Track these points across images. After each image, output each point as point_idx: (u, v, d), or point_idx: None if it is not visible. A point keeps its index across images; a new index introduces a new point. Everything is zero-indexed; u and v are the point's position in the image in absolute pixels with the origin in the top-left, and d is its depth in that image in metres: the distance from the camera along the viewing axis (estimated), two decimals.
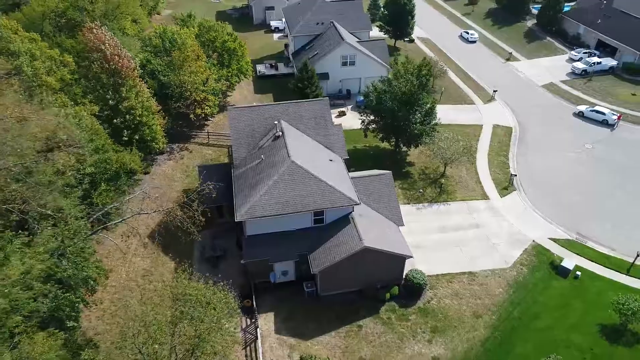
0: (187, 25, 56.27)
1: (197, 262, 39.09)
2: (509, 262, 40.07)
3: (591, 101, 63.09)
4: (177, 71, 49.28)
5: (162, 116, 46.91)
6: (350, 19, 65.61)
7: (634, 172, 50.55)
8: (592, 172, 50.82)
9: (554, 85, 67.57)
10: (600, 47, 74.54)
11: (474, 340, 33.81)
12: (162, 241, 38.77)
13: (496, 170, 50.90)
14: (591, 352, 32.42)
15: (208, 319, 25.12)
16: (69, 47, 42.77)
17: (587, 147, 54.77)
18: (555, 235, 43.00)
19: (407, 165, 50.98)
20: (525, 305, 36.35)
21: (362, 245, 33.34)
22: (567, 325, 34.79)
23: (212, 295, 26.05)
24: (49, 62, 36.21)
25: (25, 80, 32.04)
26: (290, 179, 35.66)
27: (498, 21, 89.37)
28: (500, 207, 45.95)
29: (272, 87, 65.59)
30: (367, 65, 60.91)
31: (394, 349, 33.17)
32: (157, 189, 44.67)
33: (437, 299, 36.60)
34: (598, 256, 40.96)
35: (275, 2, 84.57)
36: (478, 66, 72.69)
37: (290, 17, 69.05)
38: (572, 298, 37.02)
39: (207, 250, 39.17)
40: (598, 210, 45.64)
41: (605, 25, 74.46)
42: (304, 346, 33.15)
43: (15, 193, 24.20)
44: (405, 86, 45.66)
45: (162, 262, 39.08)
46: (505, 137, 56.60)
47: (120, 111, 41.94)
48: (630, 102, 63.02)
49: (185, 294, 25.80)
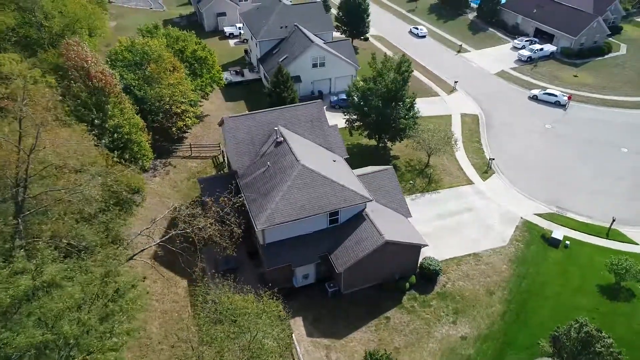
0: (154, 36, 54.26)
1: (211, 277, 38.19)
2: (505, 240, 42.89)
3: (541, 85, 68.42)
4: (154, 85, 47.61)
5: (146, 132, 45.19)
6: (313, 21, 66.40)
7: (591, 146, 55.69)
8: (557, 150, 55.33)
9: (505, 73, 72.49)
10: (538, 34, 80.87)
11: (494, 316, 36.03)
12: (165, 261, 37.59)
13: (473, 156, 54.01)
14: (597, 311, 35.68)
15: (262, 328, 25.05)
16: (45, 67, 40.05)
17: (548, 127, 59.52)
18: (538, 210, 46.52)
19: (393, 159, 52.74)
20: (530, 277, 39.19)
21: (384, 239, 34.37)
22: (571, 290, 38.00)
23: (265, 305, 25.92)
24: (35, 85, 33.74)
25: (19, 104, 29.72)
26: (303, 183, 35.93)
27: (442, 16, 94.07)
28: (485, 190, 48.90)
29: (241, 94, 64.96)
30: (336, 66, 62.09)
31: (424, 334, 34.57)
32: (152, 207, 43.03)
33: (451, 283, 38.50)
34: (579, 225, 44.91)
35: (227, 8, 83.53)
36: (433, 59, 76.19)
37: (251, 22, 68.61)
38: (568, 265, 40.40)
39: (221, 264, 38.40)
40: (570, 184, 49.89)
41: (540, 14, 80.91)
42: (339, 345, 33.67)
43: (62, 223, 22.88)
44: (391, 83, 47.24)
45: (175, 282, 37.82)
46: (474, 125, 60.11)
47: (107, 130, 39.96)
48: (574, 83, 69.09)
49: (238, 307, 25.47)
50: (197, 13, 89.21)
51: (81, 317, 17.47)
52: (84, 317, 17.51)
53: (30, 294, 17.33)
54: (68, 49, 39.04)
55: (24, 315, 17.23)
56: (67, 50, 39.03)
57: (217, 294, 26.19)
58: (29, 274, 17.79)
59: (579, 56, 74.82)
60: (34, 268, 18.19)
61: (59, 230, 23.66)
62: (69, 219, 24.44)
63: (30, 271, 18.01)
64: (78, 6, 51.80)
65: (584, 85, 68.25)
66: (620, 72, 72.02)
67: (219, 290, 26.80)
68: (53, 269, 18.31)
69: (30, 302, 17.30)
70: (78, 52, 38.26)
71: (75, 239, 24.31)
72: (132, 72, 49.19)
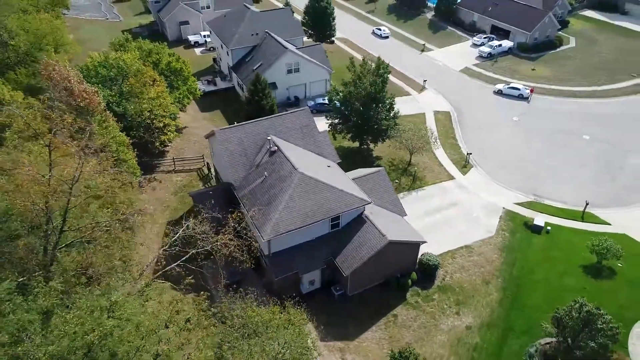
0: (126, 49, 52.95)
1: (215, 290, 38.03)
2: (492, 230, 45.15)
3: (502, 80, 71.91)
4: (133, 99, 46.64)
5: (131, 148, 44.23)
6: (283, 27, 66.72)
7: (556, 135, 59.29)
8: (526, 141, 58.54)
9: (469, 69, 75.66)
10: (494, 31, 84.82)
11: (493, 304, 38.00)
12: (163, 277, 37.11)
13: (451, 152, 56.27)
14: (585, 290, 38.32)
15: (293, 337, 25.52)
16: (17, 87, 38.49)
17: (515, 119, 62.83)
18: (517, 199, 49.19)
19: (376, 159, 54.13)
20: (519, 264, 41.53)
21: (387, 239, 35.50)
22: (558, 272, 40.60)
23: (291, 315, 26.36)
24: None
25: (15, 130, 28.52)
26: (303, 191, 36.47)
27: (401, 16, 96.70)
28: (466, 184, 51.15)
29: (216, 103, 64.46)
30: (310, 70, 62.82)
31: (431, 328, 36.02)
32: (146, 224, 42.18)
33: (449, 276, 40.21)
34: (556, 211, 47.88)
35: (189, 17, 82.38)
36: (399, 59, 78.09)
37: (220, 30, 68.12)
38: (552, 250, 43.08)
39: (225, 277, 38.23)
40: (542, 172, 52.99)
41: (495, 11, 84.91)
42: (353, 346, 34.53)
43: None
44: (370, 86, 48.50)
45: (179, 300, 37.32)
46: (447, 121, 62.53)
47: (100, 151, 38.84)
48: (533, 76, 73.08)
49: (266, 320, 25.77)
50: (157, 22, 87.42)
51: (161, 348, 17.28)
52: (165, 349, 17.32)
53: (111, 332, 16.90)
54: (47, 69, 37.70)
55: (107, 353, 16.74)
56: (46, 70, 37.70)
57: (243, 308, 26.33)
58: (103, 311, 17.36)
59: (534, 50, 79.16)
60: (108, 304, 17.77)
61: (87, 260, 23.08)
62: (98, 247, 23.88)
63: (104, 308, 17.59)
64: (44, 22, 49.81)
65: (541, 78, 72.36)
66: (572, 63, 76.84)
67: (244, 303, 26.94)
68: (132, 304, 17.96)
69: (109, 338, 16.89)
70: (59, 72, 37.01)
71: (102, 267, 23.77)
72: (107, 87, 47.95)
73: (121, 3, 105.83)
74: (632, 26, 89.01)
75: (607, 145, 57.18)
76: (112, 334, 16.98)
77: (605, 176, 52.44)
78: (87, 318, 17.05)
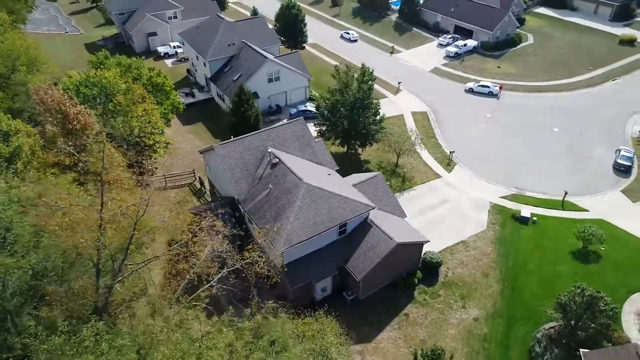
0: (106, 66, 51.64)
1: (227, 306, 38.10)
2: (483, 224, 47.49)
3: (471, 78, 75.13)
4: (120, 118, 45.71)
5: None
6: (258, 36, 66.93)
7: (528, 129, 62.72)
8: (501, 136, 61.64)
9: (438, 69, 78.48)
10: (458, 31, 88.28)
11: (494, 295, 40.14)
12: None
13: (434, 151, 58.47)
14: (576, 275, 41.14)
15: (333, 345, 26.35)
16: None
17: (488, 116, 65.93)
18: (502, 193, 51.87)
19: (365, 163, 55.50)
20: (513, 255, 43.97)
21: (395, 242, 36.83)
22: (549, 260, 43.30)
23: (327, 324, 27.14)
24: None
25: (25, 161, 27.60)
26: (311, 201, 37.22)
27: (366, 19, 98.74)
28: (453, 182, 53.40)
29: (196, 115, 63.90)
30: (290, 78, 63.44)
31: (442, 323, 37.69)
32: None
33: (451, 272, 42.08)
34: (538, 201, 50.88)
35: (157, 28, 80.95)
36: (370, 62, 78.59)
37: (195, 41, 67.49)
38: (540, 239, 45.83)
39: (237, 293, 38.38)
40: (520, 166, 56.02)
41: (458, 12, 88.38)
42: (371, 348, 35.64)
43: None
44: (359, 92, 49.77)
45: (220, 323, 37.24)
46: (426, 121, 64.80)
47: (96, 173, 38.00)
48: (499, 73, 76.77)
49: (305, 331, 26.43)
50: (123, 34, 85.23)
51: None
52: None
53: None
54: (38, 93, 36.57)
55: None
56: (37, 94, 36.57)
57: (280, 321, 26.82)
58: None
59: (497, 48, 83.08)
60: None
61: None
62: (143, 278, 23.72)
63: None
64: (20, 41, 47.91)
65: (507, 74, 76.14)
66: (533, 59, 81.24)
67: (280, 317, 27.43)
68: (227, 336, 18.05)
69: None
70: (52, 96, 35.99)
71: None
72: (91, 107, 46.74)
73: (78, 15, 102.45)
74: (581, 21, 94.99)
75: (574, 137, 61.11)
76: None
77: (577, 166, 56.09)
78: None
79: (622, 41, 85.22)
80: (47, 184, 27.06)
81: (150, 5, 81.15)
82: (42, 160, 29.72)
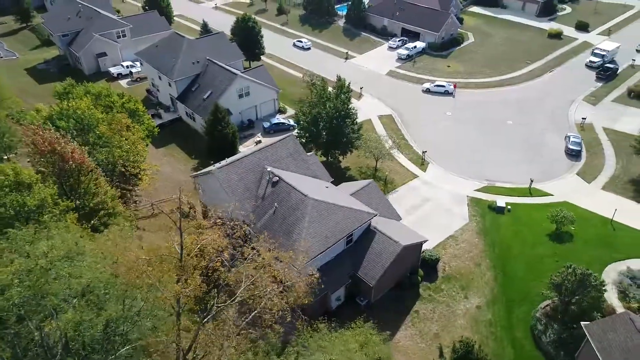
0: (73, 96, 49.54)
1: None
2: (465, 217, 51.08)
3: (426, 78, 79.39)
4: (105, 149, 44.46)
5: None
6: (222, 53, 66.73)
7: (485, 124, 67.62)
8: (463, 132, 66.02)
9: (393, 72, 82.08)
10: (405, 33, 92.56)
11: (490, 282, 43.62)
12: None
13: (407, 152, 61.59)
14: (557, 255, 45.64)
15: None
16: None
17: (448, 114, 70.23)
18: (475, 186, 55.91)
19: (346, 170, 57.44)
20: (497, 244, 47.82)
21: (401, 245, 39.06)
22: (529, 245, 47.55)
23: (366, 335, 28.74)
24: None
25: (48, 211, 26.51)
26: (318, 215, 38.52)
27: (314, 25, 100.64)
28: (429, 180, 56.75)
29: (167, 137, 62.66)
30: (260, 93, 64.02)
31: (450, 315, 40.50)
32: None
33: (447, 266, 45.09)
34: (508, 191, 55.40)
35: (107, 48, 77.88)
36: (326, 69, 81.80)
37: (155, 61, 66.03)
38: (518, 225, 50.11)
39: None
40: (484, 159, 60.48)
41: (403, 15, 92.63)
42: (392, 347, 37.62)
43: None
44: (338, 105, 51.59)
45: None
46: (392, 124, 67.87)
47: (94, 210, 37.00)
48: (450, 72, 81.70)
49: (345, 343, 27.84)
50: (68, 56, 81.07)
51: None
52: None
53: None
54: (27, 134, 34.97)
55: None
56: (26, 136, 34.97)
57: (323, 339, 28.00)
58: None
59: (443, 48, 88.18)
60: None
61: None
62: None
63: None
64: None
65: (457, 73, 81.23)
66: (477, 57, 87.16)
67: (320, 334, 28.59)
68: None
69: None
70: (45, 138, 34.56)
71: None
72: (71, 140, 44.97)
73: (8, 37, 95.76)
74: (513, 18, 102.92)
75: (527, 128, 66.77)
76: None
77: (534, 154, 61.48)
78: None
79: (550, 35, 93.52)
80: (81, 234, 26.29)
81: (95, 24, 77.85)
82: (64, 207, 28.61)
